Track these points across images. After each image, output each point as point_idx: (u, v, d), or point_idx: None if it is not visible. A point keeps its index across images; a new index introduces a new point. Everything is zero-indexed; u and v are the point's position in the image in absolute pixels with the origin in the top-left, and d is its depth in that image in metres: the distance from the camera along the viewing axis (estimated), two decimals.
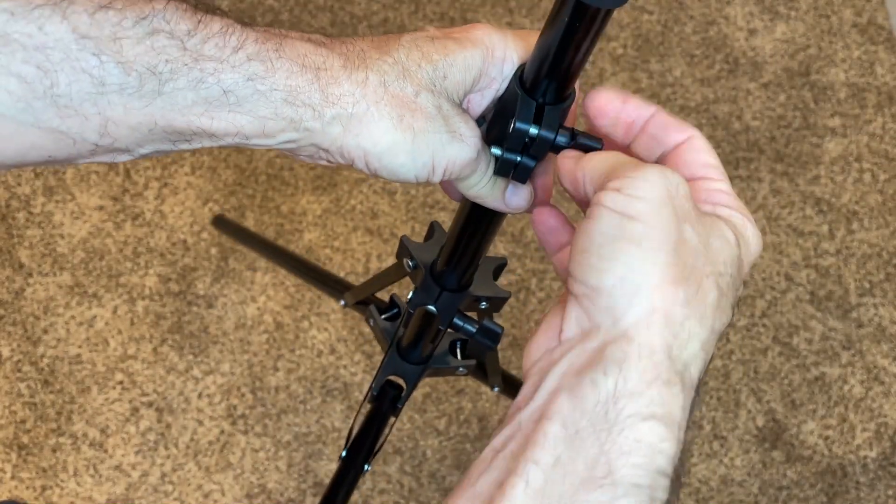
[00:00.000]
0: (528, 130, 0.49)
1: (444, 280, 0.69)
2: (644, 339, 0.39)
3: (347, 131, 0.47)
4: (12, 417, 1.29)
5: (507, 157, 0.50)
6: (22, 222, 1.40)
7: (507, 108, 0.50)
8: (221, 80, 0.44)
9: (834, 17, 1.64)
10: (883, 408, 1.37)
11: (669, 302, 0.39)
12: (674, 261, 0.39)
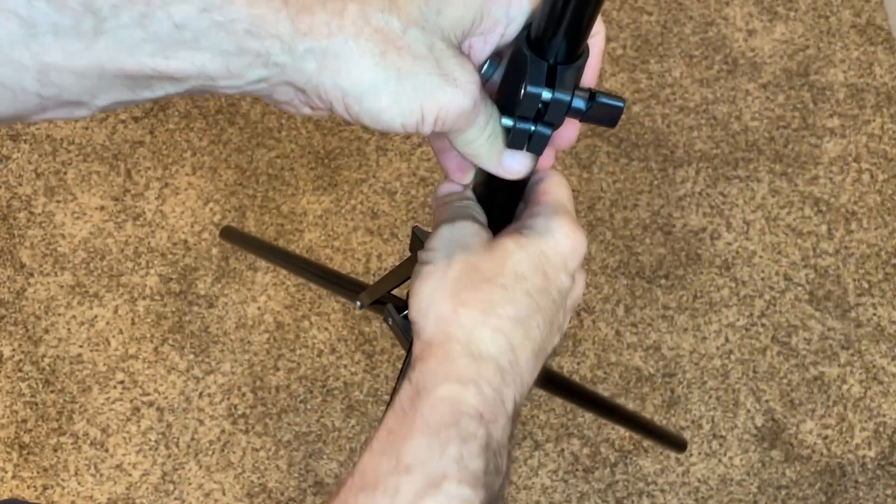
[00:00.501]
0: (540, 94, 0.44)
1: None
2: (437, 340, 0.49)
3: (323, 68, 0.42)
4: (13, 417, 1.29)
5: (521, 128, 0.45)
6: (23, 222, 1.41)
7: (515, 73, 0.45)
8: (171, 14, 0.39)
9: (833, 18, 1.65)
10: (882, 407, 1.37)
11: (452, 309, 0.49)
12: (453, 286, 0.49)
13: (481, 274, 0.49)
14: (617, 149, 1.52)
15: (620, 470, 1.31)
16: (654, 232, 1.46)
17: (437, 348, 0.48)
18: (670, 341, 1.39)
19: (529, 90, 0.43)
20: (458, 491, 0.44)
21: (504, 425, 0.47)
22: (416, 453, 0.44)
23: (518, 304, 0.49)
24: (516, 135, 0.46)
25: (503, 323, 0.48)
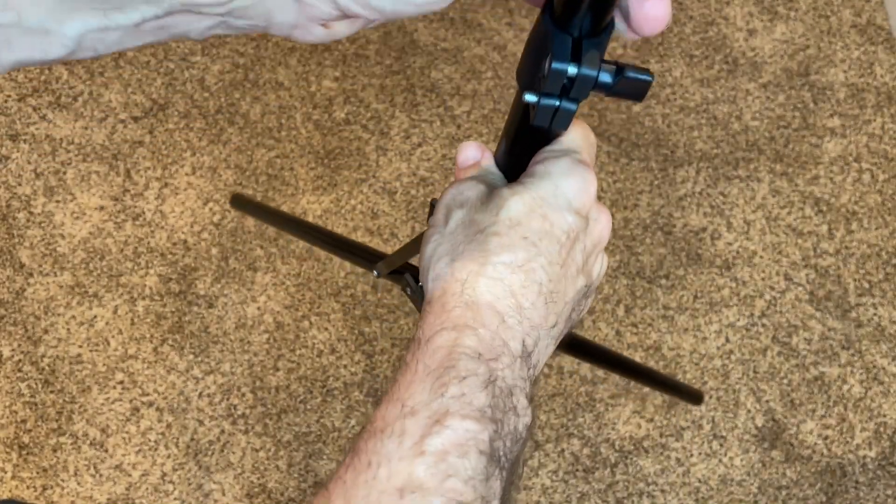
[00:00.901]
0: (566, 70, 0.42)
1: None
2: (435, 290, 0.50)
3: None
4: (13, 417, 1.29)
5: (545, 104, 0.44)
6: (23, 222, 1.40)
7: (537, 47, 0.44)
8: None
9: (833, 18, 1.64)
10: (882, 407, 1.37)
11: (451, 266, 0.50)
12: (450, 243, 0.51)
13: (476, 226, 0.50)
14: (617, 149, 1.52)
15: (621, 470, 1.31)
16: (654, 232, 1.46)
17: (434, 303, 0.49)
18: (671, 341, 1.39)
19: (555, 67, 0.41)
20: (462, 425, 0.44)
21: (510, 364, 0.47)
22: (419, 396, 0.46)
23: (514, 250, 0.49)
24: (542, 111, 0.44)
25: (498, 270, 0.49)
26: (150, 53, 1.54)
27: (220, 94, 1.52)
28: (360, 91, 1.53)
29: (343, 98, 1.53)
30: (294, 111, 1.51)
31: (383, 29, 1.58)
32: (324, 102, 1.52)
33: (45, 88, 1.50)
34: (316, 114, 1.51)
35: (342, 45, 1.57)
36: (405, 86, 1.54)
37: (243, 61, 1.54)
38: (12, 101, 1.49)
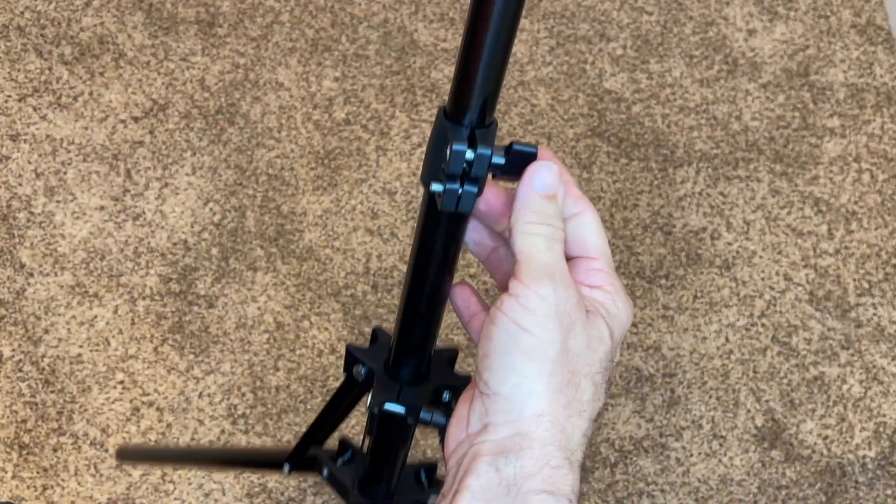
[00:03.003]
0: (464, 151, 0.50)
1: (400, 375, 0.67)
2: (536, 435, 0.48)
3: None
4: (13, 417, 1.29)
5: (450, 188, 0.51)
6: (23, 222, 1.41)
7: (437, 143, 0.52)
8: None
9: (833, 18, 1.65)
10: (882, 407, 1.37)
11: (554, 406, 0.48)
12: (558, 370, 0.48)
13: (577, 365, 0.49)
14: (617, 149, 1.52)
15: (620, 470, 1.31)
16: (654, 232, 1.46)
17: (535, 447, 0.48)
18: (670, 341, 1.39)
19: (455, 148, 0.49)
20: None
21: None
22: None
23: (600, 401, 0.50)
24: (448, 195, 0.51)
25: (588, 425, 0.49)
26: (150, 54, 1.54)
27: (220, 94, 1.52)
28: (360, 91, 1.53)
29: (343, 98, 1.53)
30: (294, 111, 1.51)
31: (383, 29, 1.59)
32: (324, 102, 1.52)
33: (45, 88, 1.51)
34: (316, 114, 1.51)
35: (342, 45, 1.57)
36: (405, 86, 1.54)
37: (243, 61, 1.54)
38: (12, 101, 1.49)
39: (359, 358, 0.69)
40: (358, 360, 0.69)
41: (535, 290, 0.48)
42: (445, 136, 0.51)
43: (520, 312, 0.48)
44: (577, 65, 1.58)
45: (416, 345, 0.65)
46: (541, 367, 0.48)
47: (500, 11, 0.48)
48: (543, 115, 1.54)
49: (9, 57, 1.53)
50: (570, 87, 1.57)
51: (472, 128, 0.51)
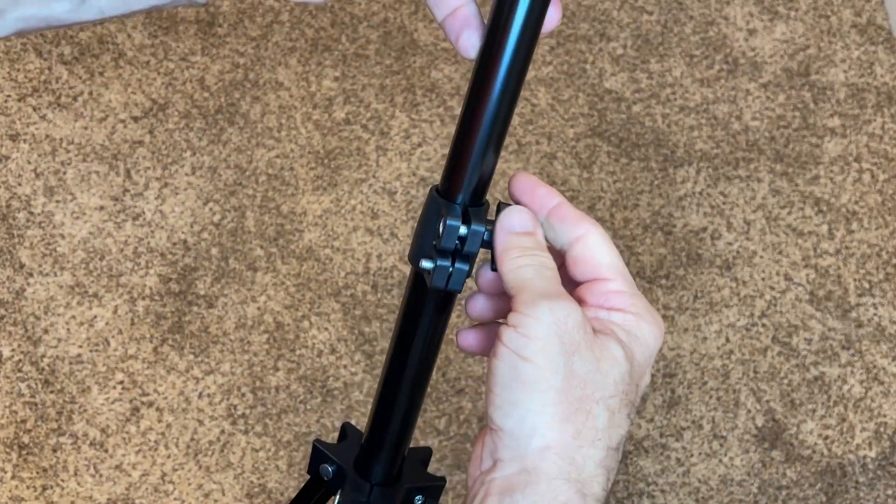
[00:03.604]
0: (458, 226, 0.50)
1: (371, 475, 0.63)
2: (543, 469, 0.45)
3: None
4: (13, 417, 1.29)
5: (441, 265, 0.50)
6: (22, 222, 1.40)
7: (429, 219, 0.52)
8: None
9: (833, 18, 1.64)
10: (882, 407, 1.37)
11: (561, 437, 0.46)
12: (564, 399, 0.45)
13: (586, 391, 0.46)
14: (617, 148, 1.52)
15: (621, 470, 1.31)
16: (654, 232, 1.46)
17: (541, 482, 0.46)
18: (671, 341, 1.39)
19: (449, 223, 0.50)
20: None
21: None
22: None
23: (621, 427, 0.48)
24: (438, 272, 0.51)
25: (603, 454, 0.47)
26: (149, 53, 1.54)
27: (220, 94, 1.52)
28: (360, 91, 1.53)
29: (343, 98, 1.53)
30: (294, 111, 1.51)
31: (383, 29, 1.58)
32: (324, 102, 1.52)
33: (45, 88, 1.50)
34: (316, 114, 1.51)
35: (342, 45, 1.57)
36: (405, 86, 1.54)
37: (243, 61, 1.54)
38: (12, 101, 1.49)
39: (327, 455, 0.65)
40: (326, 458, 0.65)
41: (530, 314, 0.46)
42: (438, 213, 0.51)
43: (520, 342, 0.46)
44: (578, 64, 1.58)
45: (391, 441, 0.62)
46: (544, 397, 0.46)
47: (495, 103, 0.48)
48: (543, 114, 1.54)
49: (8, 57, 1.53)
50: (571, 86, 1.56)
51: (466, 205, 0.51)
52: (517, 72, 0.48)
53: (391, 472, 0.63)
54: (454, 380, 1.35)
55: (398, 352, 0.58)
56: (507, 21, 0.46)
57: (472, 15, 0.48)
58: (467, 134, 0.49)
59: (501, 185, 1.47)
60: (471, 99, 0.49)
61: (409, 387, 0.59)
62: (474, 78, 0.48)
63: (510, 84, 0.48)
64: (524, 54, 0.48)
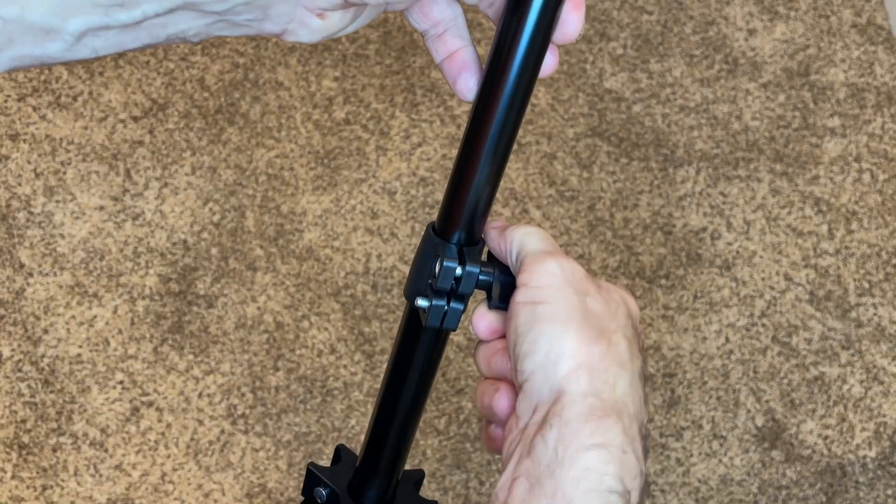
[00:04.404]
0: (455, 268, 0.51)
1: (365, 498, 0.64)
2: (574, 388, 0.46)
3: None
4: (13, 417, 1.29)
5: (436, 305, 0.52)
6: (22, 222, 1.40)
7: (425, 258, 0.53)
8: None
9: (833, 18, 1.64)
10: (882, 407, 1.37)
11: (589, 357, 0.47)
12: (583, 326, 0.48)
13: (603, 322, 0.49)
14: (617, 148, 1.52)
15: None
16: (654, 232, 1.46)
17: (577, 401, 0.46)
18: (670, 341, 1.39)
19: (446, 265, 0.51)
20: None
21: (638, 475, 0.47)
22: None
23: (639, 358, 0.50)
24: (433, 312, 0.52)
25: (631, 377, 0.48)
26: (150, 53, 1.54)
27: (220, 94, 1.52)
28: (360, 91, 1.53)
29: (343, 98, 1.53)
30: (294, 111, 1.51)
31: (383, 29, 1.58)
32: (324, 102, 1.52)
33: (44, 88, 1.50)
34: (316, 114, 1.51)
35: (342, 44, 1.57)
36: (405, 86, 1.54)
37: (243, 61, 1.54)
38: (12, 100, 1.49)
39: (321, 478, 0.66)
40: (320, 481, 0.66)
41: (540, 268, 0.49)
42: (434, 252, 0.52)
43: (533, 293, 0.49)
44: (577, 64, 1.58)
45: (385, 466, 0.63)
46: (566, 326, 0.48)
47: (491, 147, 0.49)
48: (543, 114, 1.54)
49: None
50: (570, 86, 1.56)
51: (462, 245, 0.52)
52: (514, 116, 0.49)
53: (384, 496, 0.64)
54: (454, 380, 1.35)
55: (393, 382, 0.59)
56: (504, 66, 0.47)
57: (470, 59, 0.49)
58: (464, 176, 0.50)
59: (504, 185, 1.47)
60: (467, 142, 0.50)
61: (403, 416, 0.60)
62: (471, 121, 0.49)
63: (506, 129, 0.49)
64: (521, 100, 0.48)
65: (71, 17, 0.38)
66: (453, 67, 0.49)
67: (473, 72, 0.49)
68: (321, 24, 0.42)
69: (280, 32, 0.42)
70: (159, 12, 0.39)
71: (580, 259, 1.44)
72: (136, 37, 0.39)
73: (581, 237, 1.45)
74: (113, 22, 0.38)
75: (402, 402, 0.59)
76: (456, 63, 0.49)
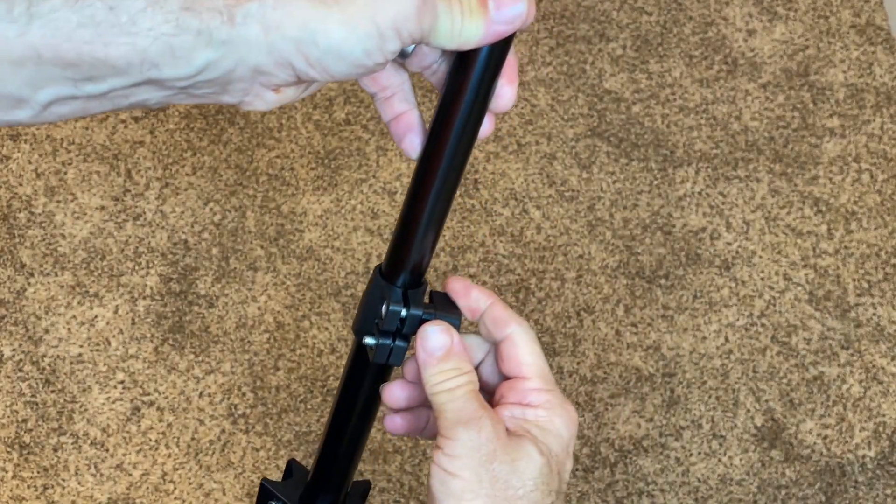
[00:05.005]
0: (400, 311, 0.55)
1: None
2: None
3: (267, 28, 0.40)
4: (14, 417, 1.29)
5: (383, 343, 0.56)
6: (23, 222, 1.41)
7: (372, 300, 0.57)
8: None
9: (832, 18, 1.65)
10: (881, 407, 1.37)
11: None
12: (489, 499, 0.52)
13: (511, 491, 0.53)
14: (617, 149, 1.52)
15: (620, 470, 1.32)
16: (653, 232, 1.47)
17: None
18: (670, 341, 1.39)
19: (392, 308, 0.55)
20: None
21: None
22: None
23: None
24: (380, 350, 0.56)
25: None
26: None
27: None
28: (360, 91, 1.54)
29: (343, 98, 1.53)
30: (294, 111, 1.51)
31: None
32: (324, 102, 1.52)
33: None
34: (316, 114, 1.51)
35: None
36: None
37: None
38: None
39: (274, 493, 0.71)
40: (273, 496, 0.71)
41: (453, 438, 0.53)
42: (381, 295, 0.56)
43: (445, 461, 0.53)
44: (577, 65, 1.59)
45: (334, 481, 0.68)
46: (473, 502, 0.52)
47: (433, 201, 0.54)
48: (543, 115, 1.54)
49: None
50: (570, 87, 1.57)
51: (406, 287, 0.56)
52: (454, 175, 0.53)
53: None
54: None
55: (340, 410, 0.64)
56: (446, 131, 0.51)
57: (415, 121, 0.54)
58: (409, 226, 0.55)
59: (496, 185, 1.47)
60: (412, 195, 0.55)
61: (350, 440, 0.65)
62: (415, 177, 0.54)
63: (448, 184, 0.53)
64: (460, 160, 0.53)
65: (42, 89, 0.39)
66: (399, 128, 0.54)
67: (418, 132, 0.53)
68: (276, 98, 0.45)
69: (237, 103, 0.45)
70: (126, 85, 0.40)
71: (580, 259, 1.44)
72: (100, 105, 0.41)
73: (581, 237, 1.45)
74: (80, 93, 0.40)
75: (348, 429, 0.65)
76: (402, 124, 0.53)
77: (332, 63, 0.42)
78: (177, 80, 0.41)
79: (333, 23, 0.41)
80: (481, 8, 0.45)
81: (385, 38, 0.42)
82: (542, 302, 1.40)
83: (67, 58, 0.38)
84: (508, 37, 0.48)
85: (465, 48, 0.47)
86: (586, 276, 1.43)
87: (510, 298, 1.40)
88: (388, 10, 0.42)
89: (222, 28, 0.40)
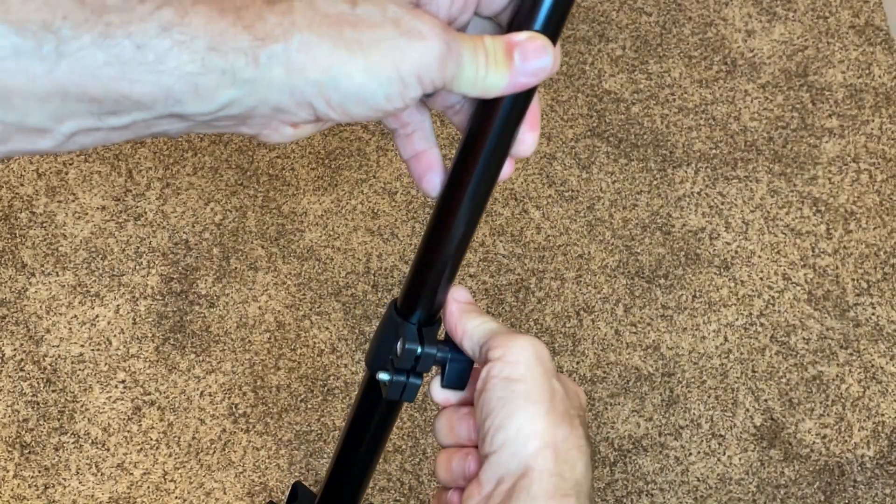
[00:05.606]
0: (416, 349, 0.55)
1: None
2: (541, 466, 0.50)
3: (290, 71, 0.41)
4: (15, 416, 1.30)
5: (397, 380, 0.56)
6: (25, 222, 1.41)
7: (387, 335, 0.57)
8: (131, 34, 0.38)
9: (832, 19, 1.65)
10: (880, 406, 1.37)
11: (554, 438, 0.51)
12: (552, 408, 0.52)
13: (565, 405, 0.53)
14: (616, 149, 1.52)
15: (620, 469, 1.32)
16: (653, 232, 1.47)
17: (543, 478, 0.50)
18: (669, 341, 1.40)
19: (408, 347, 0.55)
20: None
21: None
22: None
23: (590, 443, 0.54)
24: (393, 386, 0.56)
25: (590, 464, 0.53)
26: None
27: None
28: None
29: None
30: None
31: None
32: None
33: None
34: None
35: None
36: None
37: None
38: None
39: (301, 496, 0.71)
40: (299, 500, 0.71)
41: (513, 345, 0.53)
42: (396, 331, 0.56)
43: (507, 368, 0.52)
44: (577, 65, 1.59)
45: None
46: (538, 407, 0.51)
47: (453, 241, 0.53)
48: (543, 115, 1.54)
49: None
50: (570, 87, 1.57)
51: (421, 324, 0.56)
52: (474, 216, 0.53)
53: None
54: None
55: (349, 442, 0.64)
56: (467, 173, 0.51)
57: (435, 160, 0.53)
58: (426, 265, 0.55)
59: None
60: (430, 235, 0.54)
61: (359, 469, 0.65)
62: (434, 216, 0.53)
63: (467, 227, 0.53)
64: (480, 202, 0.52)
65: (65, 121, 0.40)
66: (419, 166, 0.53)
67: (438, 172, 0.53)
68: (293, 132, 0.45)
69: (254, 135, 0.45)
70: (148, 118, 0.41)
71: (579, 259, 1.44)
72: (122, 135, 0.42)
73: (580, 237, 1.46)
74: (103, 125, 0.41)
75: (358, 458, 0.65)
76: (422, 163, 0.53)
77: (352, 106, 0.42)
78: (199, 115, 0.41)
79: (356, 68, 0.41)
80: (507, 59, 0.45)
81: (407, 85, 0.42)
82: (541, 302, 1.41)
83: (93, 94, 0.39)
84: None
85: (487, 97, 0.47)
86: (586, 276, 1.43)
87: (510, 298, 1.41)
88: (412, 57, 0.42)
89: (246, 69, 0.40)
